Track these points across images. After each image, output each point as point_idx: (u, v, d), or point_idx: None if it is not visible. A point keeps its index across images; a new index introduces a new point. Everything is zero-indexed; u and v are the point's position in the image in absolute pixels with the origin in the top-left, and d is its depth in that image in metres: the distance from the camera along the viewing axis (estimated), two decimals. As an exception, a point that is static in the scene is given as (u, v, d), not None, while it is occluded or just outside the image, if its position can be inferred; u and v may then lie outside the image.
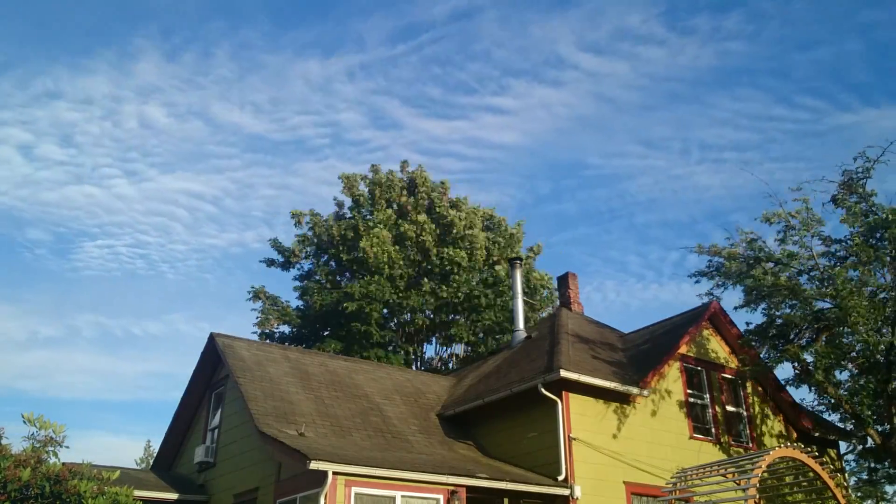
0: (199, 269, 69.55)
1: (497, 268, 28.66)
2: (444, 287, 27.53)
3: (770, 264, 16.08)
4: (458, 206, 30.31)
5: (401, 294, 27.38)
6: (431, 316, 28.52)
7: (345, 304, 25.62)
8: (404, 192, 30.17)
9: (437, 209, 29.62)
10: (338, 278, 29.11)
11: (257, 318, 28.00)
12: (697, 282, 17.13)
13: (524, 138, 70.71)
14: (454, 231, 29.01)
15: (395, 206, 29.67)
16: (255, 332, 27.81)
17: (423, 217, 28.72)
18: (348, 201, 30.60)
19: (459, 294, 27.33)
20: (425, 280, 27.92)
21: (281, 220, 75.78)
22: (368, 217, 29.26)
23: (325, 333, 27.74)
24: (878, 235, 15.51)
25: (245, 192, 65.96)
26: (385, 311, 27.85)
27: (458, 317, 28.35)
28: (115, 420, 64.24)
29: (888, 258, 15.43)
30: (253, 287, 28.37)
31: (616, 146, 69.41)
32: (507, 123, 70.34)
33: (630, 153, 67.05)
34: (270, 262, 29.90)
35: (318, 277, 28.89)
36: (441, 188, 30.67)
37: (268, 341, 25.82)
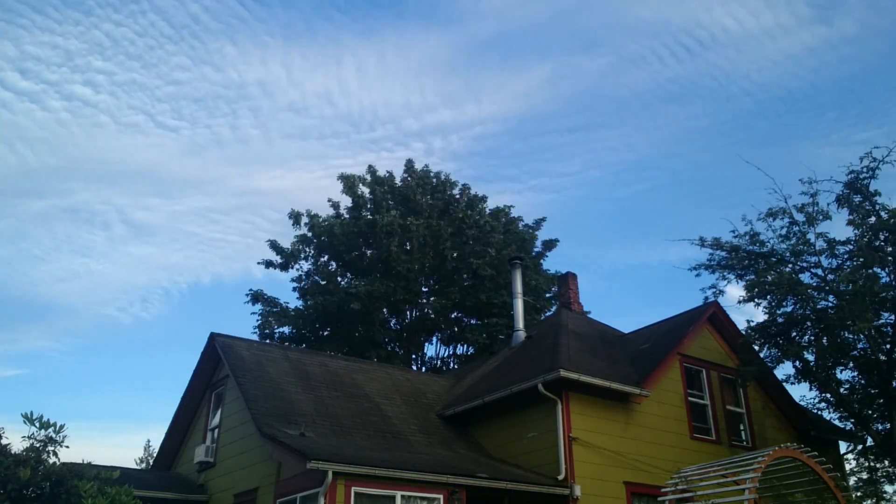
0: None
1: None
2: (470, 296, 27.41)
3: (773, 259, 16.12)
4: (475, 206, 29.94)
5: (411, 293, 27.15)
6: (441, 317, 28.42)
7: (350, 305, 25.53)
8: (418, 191, 29.32)
9: (454, 211, 29.02)
10: (339, 279, 28.95)
11: (258, 320, 28.03)
12: (698, 275, 17.17)
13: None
14: (471, 232, 28.56)
15: (401, 209, 28.55)
16: (256, 333, 27.82)
17: (451, 229, 28.21)
18: (346, 201, 29.90)
19: (482, 299, 27.25)
20: (453, 289, 27.77)
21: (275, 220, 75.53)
22: (370, 218, 28.89)
23: (326, 334, 27.68)
24: (882, 237, 15.52)
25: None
26: (385, 310, 27.79)
27: (471, 319, 28.32)
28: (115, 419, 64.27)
29: (890, 259, 15.44)
30: (251, 289, 28.43)
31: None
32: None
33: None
34: (269, 264, 29.74)
35: (317, 278, 28.77)
36: (463, 189, 30.36)
37: (267, 342, 25.78)
